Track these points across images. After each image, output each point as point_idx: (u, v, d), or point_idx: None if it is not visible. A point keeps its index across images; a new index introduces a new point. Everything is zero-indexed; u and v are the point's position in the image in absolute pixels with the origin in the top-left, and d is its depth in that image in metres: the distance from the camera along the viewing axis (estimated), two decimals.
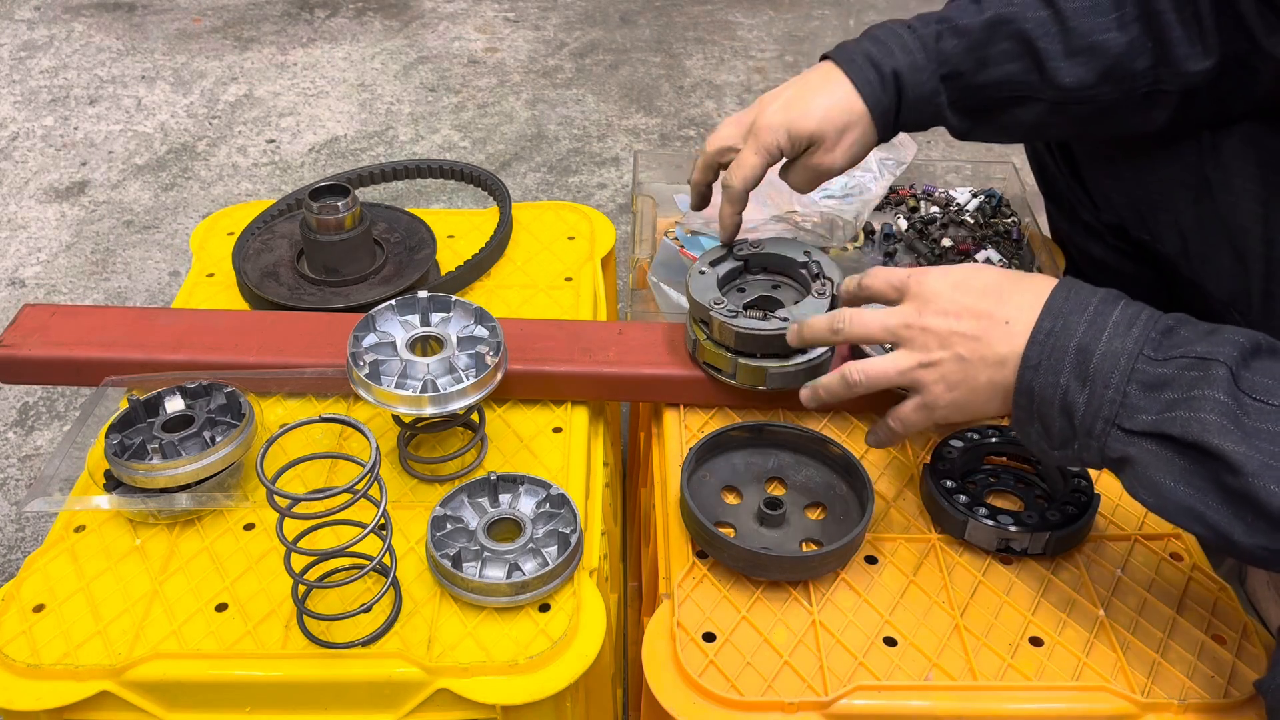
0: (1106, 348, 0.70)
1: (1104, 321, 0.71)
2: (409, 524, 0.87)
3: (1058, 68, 0.93)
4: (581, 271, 1.17)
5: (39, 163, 2.25)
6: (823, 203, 1.24)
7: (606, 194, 2.17)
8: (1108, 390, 0.69)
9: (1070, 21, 0.92)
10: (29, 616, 0.80)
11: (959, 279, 0.80)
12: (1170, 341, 0.70)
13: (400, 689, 0.76)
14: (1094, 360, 0.70)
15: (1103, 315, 0.72)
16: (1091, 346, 0.70)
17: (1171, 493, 0.68)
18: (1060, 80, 0.94)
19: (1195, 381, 0.67)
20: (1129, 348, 0.70)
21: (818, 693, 0.75)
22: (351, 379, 0.86)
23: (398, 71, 2.59)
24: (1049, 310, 0.73)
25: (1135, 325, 0.71)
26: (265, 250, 1.14)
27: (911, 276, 0.82)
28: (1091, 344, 0.71)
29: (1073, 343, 0.71)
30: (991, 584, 0.83)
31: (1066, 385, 0.71)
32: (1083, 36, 0.92)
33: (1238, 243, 0.97)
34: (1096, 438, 0.70)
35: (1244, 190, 0.96)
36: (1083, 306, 0.73)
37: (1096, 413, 0.70)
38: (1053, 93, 0.95)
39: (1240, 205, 0.96)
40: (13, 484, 1.55)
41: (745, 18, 2.86)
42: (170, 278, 1.94)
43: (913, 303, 0.81)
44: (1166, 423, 0.67)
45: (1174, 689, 0.75)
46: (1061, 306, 0.73)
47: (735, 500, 0.90)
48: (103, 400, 0.94)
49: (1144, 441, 0.68)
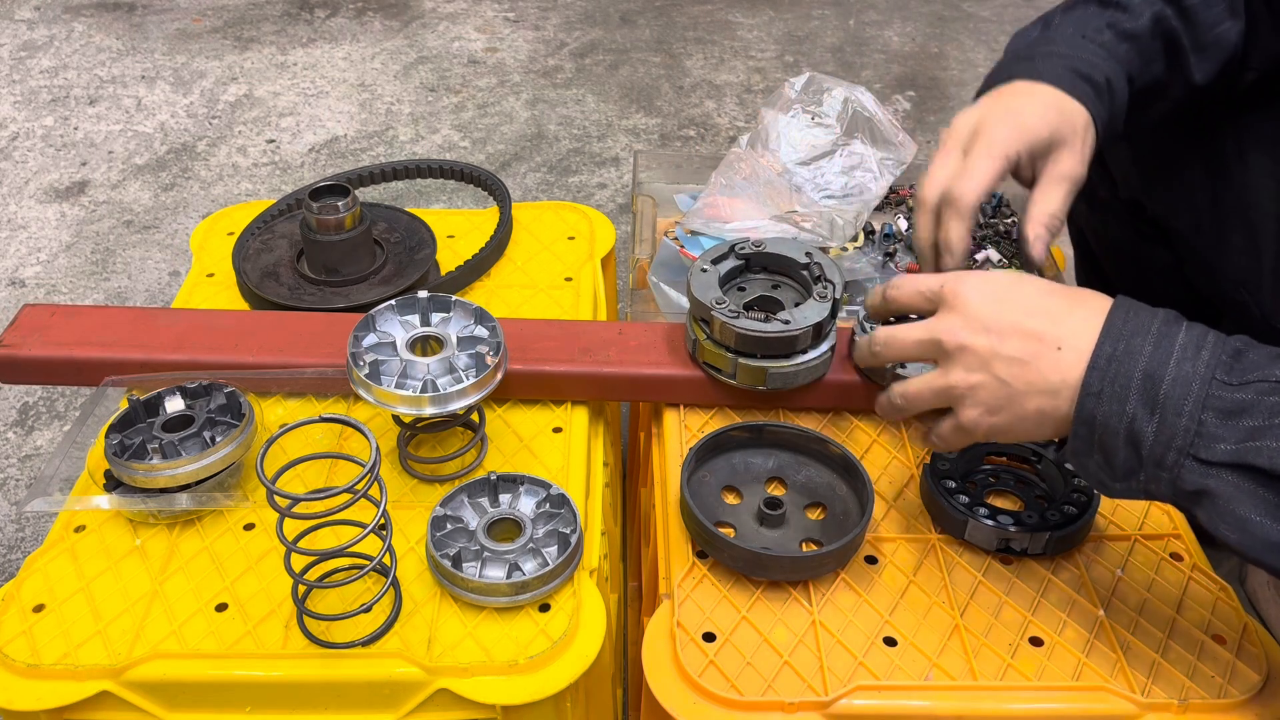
0: (1176, 372, 0.64)
1: (1170, 344, 0.66)
2: (409, 524, 0.87)
3: (1190, 64, 0.91)
4: (581, 271, 1.17)
5: (39, 163, 2.25)
6: (823, 203, 1.24)
7: (606, 194, 2.17)
8: (1180, 418, 0.64)
9: (1195, 15, 0.90)
10: (29, 616, 0.80)
11: (1001, 291, 0.73)
12: (1242, 365, 0.65)
13: (400, 689, 0.76)
14: (1163, 386, 0.64)
15: (1168, 337, 0.66)
16: (1159, 371, 0.65)
17: (1259, 529, 0.63)
18: (1193, 77, 0.91)
19: (1277, 408, 0.62)
20: (1200, 372, 0.64)
21: (818, 693, 0.75)
22: (351, 379, 0.86)
23: (398, 71, 2.59)
24: (1109, 333, 0.68)
25: (1204, 348, 0.65)
26: (265, 250, 1.14)
27: (946, 285, 0.75)
28: (1159, 369, 0.65)
29: (1138, 367, 0.65)
30: (991, 584, 0.83)
31: (1133, 414, 0.65)
32: (1207, 29, 0.90)
33: (1251, 220, 0.97)
34: (1168, 469, 0.65)
35: (1259, 167, 0.95)
36: (1145, 328, 0.67)
37: (1168, 443, 0.64)
38: (1181, 91, 0.92)
39: (1255, 183, 0.96)
40: (13, 484, 1.55)
41: (745, 18, 2.86)
42: (170, 278, 1.94)
43: (949, 315, 0.74)
44: (1251, 453, 0.62)
45: (1174, 689, 0.75)
46: (1122, 328, 0.67)
47: (735, 500, 0.90)
48: (103, 400, 0.94)
49: (1225, 473, 0.63)
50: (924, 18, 2.88)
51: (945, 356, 0.74)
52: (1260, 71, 0.93)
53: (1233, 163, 0.98)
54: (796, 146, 1.28)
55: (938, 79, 2.61)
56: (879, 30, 2.82)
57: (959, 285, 0.74)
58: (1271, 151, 0.95)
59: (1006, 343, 0.71)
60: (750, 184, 1.24)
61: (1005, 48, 1.00)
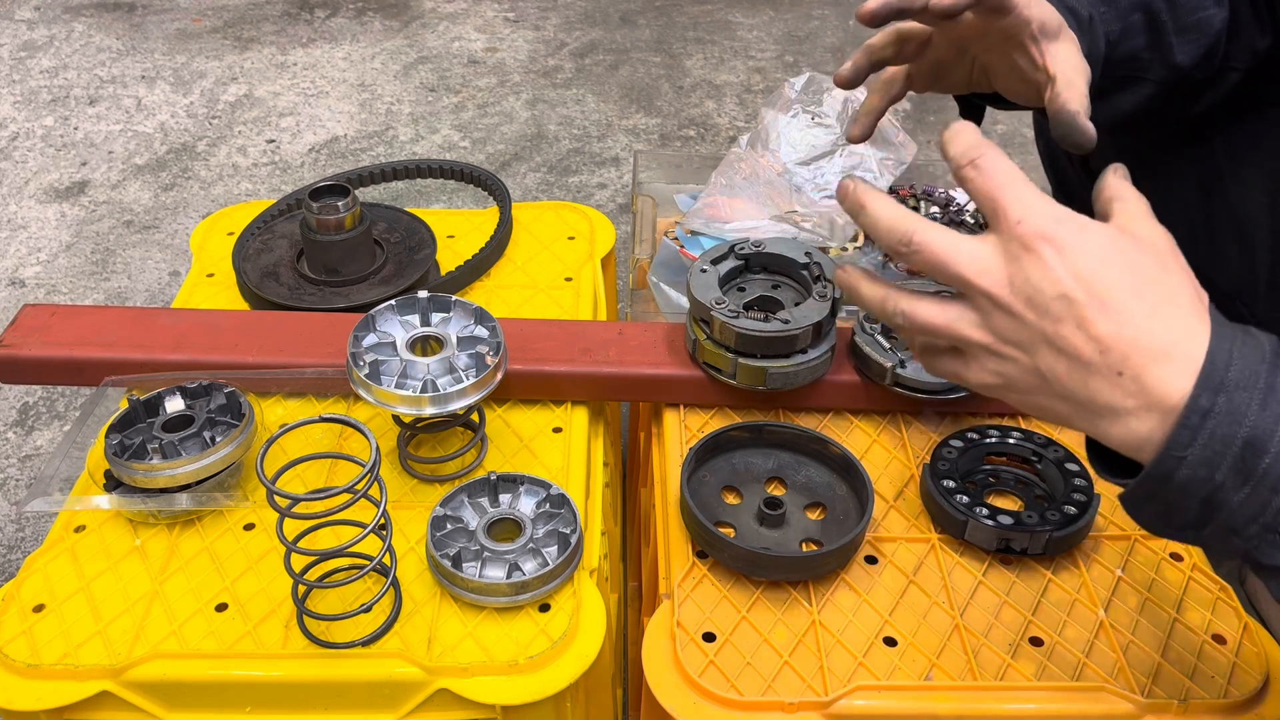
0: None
1: (1277, 402, 0.55)
2: (409, 524, 0.87)
3: (1172, 44, 0.88)
4: (581, 271, 1.17)
5: (39, 163, 2.25)
6: (823, 203, 1.24)
7: (606, 194, 2.17)
8: (1276, 496, 0.55)
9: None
10: (29, 616, 0.80)
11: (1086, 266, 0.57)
12: None
13: (400, 689, 0.76)
14: (1266, 460, 0.55)
15: (1276, 393, 0.55)
16: (1264, 443, 0.55)
17: None
18: (1174, 58, 0.88)
19: None
20: None
21: (818, 693, 0.75)
22: (351, 379, 0.86)
23: (398, 71, 2.59)
24: (1209, 382, 0.55)
25: None
26: (265, 250, 1.14)
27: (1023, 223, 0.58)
28: (1264, 439, 0.55)
29: (1239, 435, 0.55)
30: (991, 584, 0.83)
31: (1222, 482, 0.56)
32: (1189, 12, 0.89)
33: (1245, 233, 0.97)
34: (1245, 539, 0.57)
35: (1253, 181, 0.95)
36: (1253, 379, 0.55)
37: (1255, 517, 0.56)
38: (1162, 72, 0.90)
39: (1249, 195, 0.96)
40: (13, 484, 1.55)
41: (745, 18, 2.86)
42: (170, 278, 1.94)
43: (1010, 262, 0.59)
44: None
45: (1174, 689, 0.75)
46: (1225, 377, 0.55)
47: (735, 500, 0.90)
48: (103, 400, 0.94)
49: None
50: None
51: (984, 310, 0.60)
52: (1243, 71, 0.92)
53: (1225, 174, 0.97)
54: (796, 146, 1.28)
55: None
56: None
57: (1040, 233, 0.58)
58: (1263, 162, 0.95)
59: (1062, 334, 0.58)
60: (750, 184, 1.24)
61: None
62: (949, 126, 0.64)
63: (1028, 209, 0.59)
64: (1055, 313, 0.58)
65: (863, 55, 0.92)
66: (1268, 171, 0.94)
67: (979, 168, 0.61)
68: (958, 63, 0.92)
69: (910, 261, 0.63)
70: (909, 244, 0.62)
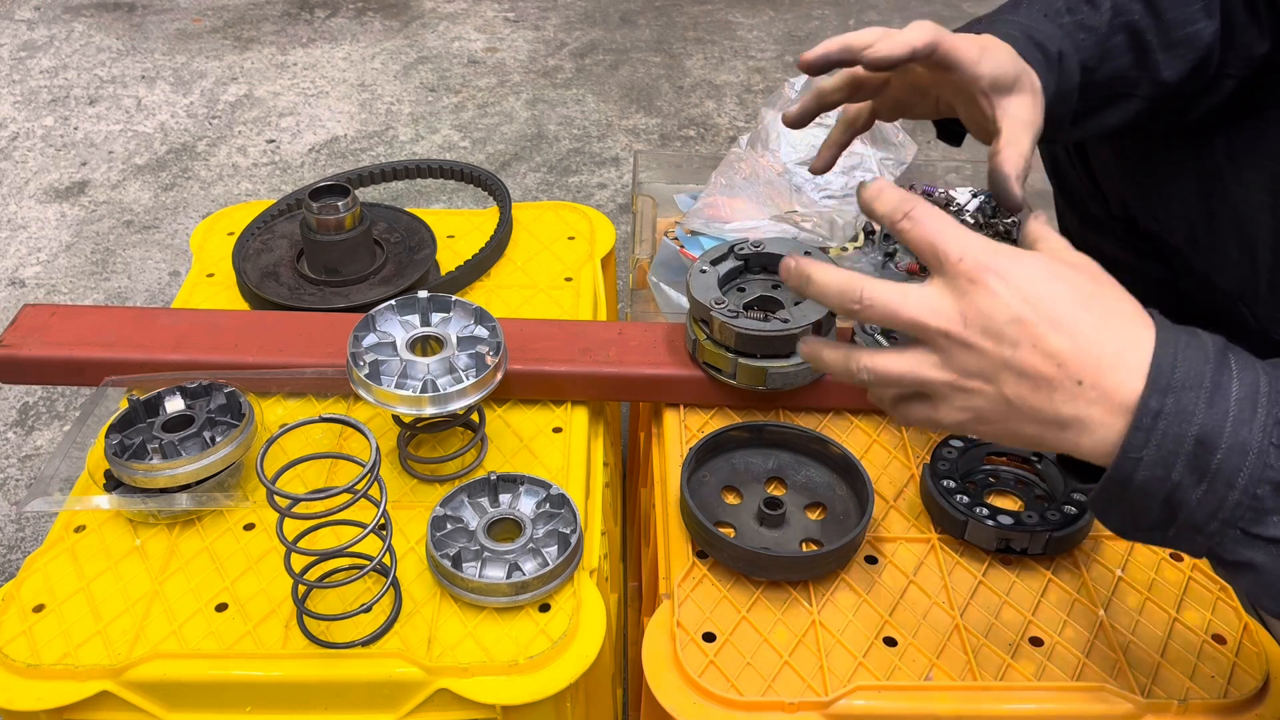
0: (1232, 439, 0.57)
1: (1225, 400, 0.57)
2: (409, 524, 0.87)
3: (1158, 61, 0.89)
4: (581, 271, 1.17)
5: (39, 163, 2.25)
6: (823, 203, 1.24)
7: (606, 194, 2.17)
8: (1232, 491, 0.57)
9: (1165, 13, 0.88)
10: (29, 616, 0.80)
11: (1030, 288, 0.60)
12: None
13: (400, 689, 0.76)
14: (1218, 455, 0.57)
15: (1221, 390, 0.57)
16: (1215, 439, 0.57)
17: None
18: (1161, 75, 0.89)
19: None
20: (1257, 439, 0.57)
21: (818, 693, 0.75)
22: (351, 379, 0.86)
23: (398, 71, 2.59)
24: (1156, 384, 0.58)
25: (1259, 404, 0.58)
26: (265, 250, 1.14)
27: (966, 259, 0.61)
28: (1214, 435, 0.57)
29: (1190, 433, 0.57)
30: (991, 584, 0.83)
31: (1178, 480, 0.58)
32: (1177, 28, 0.89)
33: (1246, 233, 0.97)
34: (1207, 535, 0.59)
35: (1254, 181, 0.95)
36: (1198, 379, 0.58)
37: (1213, 513, 0.58)
38: (1150, 89, 0.90)
39: (1250, 196, 0.96)
40: (13, 484, 1.55)
41: (745, 18, 2.86)
42: (170, 278, 1.94)
43: (958, 298, 0.61)
44: None
45: (1174, 689, 0.75)
46: (1171, 378, 0.58)
47: (735, 500, 0.90)
48: (103, 400, 0.94)
49: (1273, 548, 0.58)
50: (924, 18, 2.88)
51: (942, 349, 0.62)
52: (1239, 78, 0.92)
53: (1226, 176, 0.97)
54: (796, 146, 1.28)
55: None
56: None
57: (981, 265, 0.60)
58: (1264, 163, 0.95)
59: (1020, 357, 0.60)
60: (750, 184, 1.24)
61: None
62: (866, 186, 0.68)
63: (966, 246, 0.62)
64: (1011, 337, 0.60)
65: (812, 99, 0.93)
66: (1269, 172, 0.94)
67: (913, 219, 0.64)
68: (920, 100, 0.93)
69: (864, 317, 0.65)
70: (859, 301, 0.64)
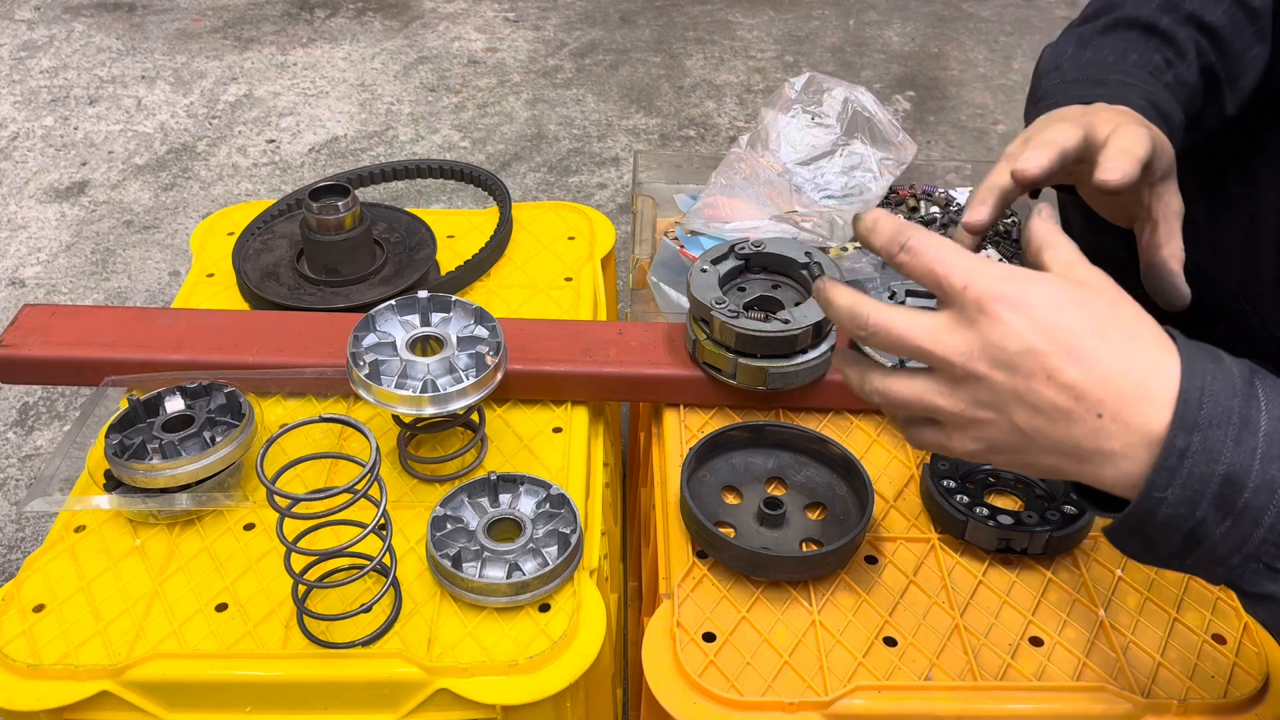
0: (1260, 478, 0.55)
1: (1253, 438, 0.55)
2: (409, 524, 0.87)
3: (1225, 97, 0.88)
4: (581, 271, 1.17)
5: (39, 163, 2.25)
6: (823, 203, 1.24)
7: (606, 194, 2.17)
8: (1258, 529, 0.56)
9: (1230, 46, 0.87)
10: (29, 616, 0.80)
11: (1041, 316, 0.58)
12: None
13: (400, 689, 0.76)
14: (1245, 494, 0.55)
15: (1250, 426, 0.55)
16: (1242, 478, 0.55)
17: None
18: (1226, 109, 0.89)
19: None
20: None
21: (818, 693, 0.75)
22: (351, 379, 0.86)
23: (398, 71, 2.59)
24: (1184, 421, 0.55)
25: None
26: (265, 250, 1.14)
27: (971, 288, 0.59)
28: (1242, 474, 0.55)
29: (1218, 472, 0.55)
30: (991, 584, 0.83)
31: (1203, 517, 0.56)
32: (1237, 58, 0.88)
33: (1252, 231, 0.97)
34: (1229, 568, 0.58)
35: (1263, 179, 0.95)
36: (1226, 414, 0.56)
37: (1237, 548, 0.57)
38: (1214, 123, 0.90)
39: (1258, 194, 0.96)
40: (13, 484, 1.55)
41: (745, 18, 2.86)
42: (170, 278, 1.94)
43: (967, 332, 0.59)
44: None
45: (1174, 689, 0.75)
46: (1199, 415, 0.56)
47: (735, 500, 0.90)
48: (103, 400, 0.94)
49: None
50: (924, 18, 2.88)
51: (952, 378, 0.60)
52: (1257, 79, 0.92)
53: (1232, 174, 0.97)
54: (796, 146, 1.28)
55: (938, 79, 2.61)
56: (879, 30, 2.82)
57: (989, 294, 0.58)
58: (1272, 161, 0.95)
59: (1034, 388, 0.57)
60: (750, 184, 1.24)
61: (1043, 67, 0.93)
62: (861, 219, 0.65)
63: (970, 273, 0.59)
64: (1024, 368, 0.57)
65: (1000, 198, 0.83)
66: (1273, 169, 0.94)
67: (910, 249, 0.62)
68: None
69: (871, 343, 0.64)
70: (865, 327, 0.63)
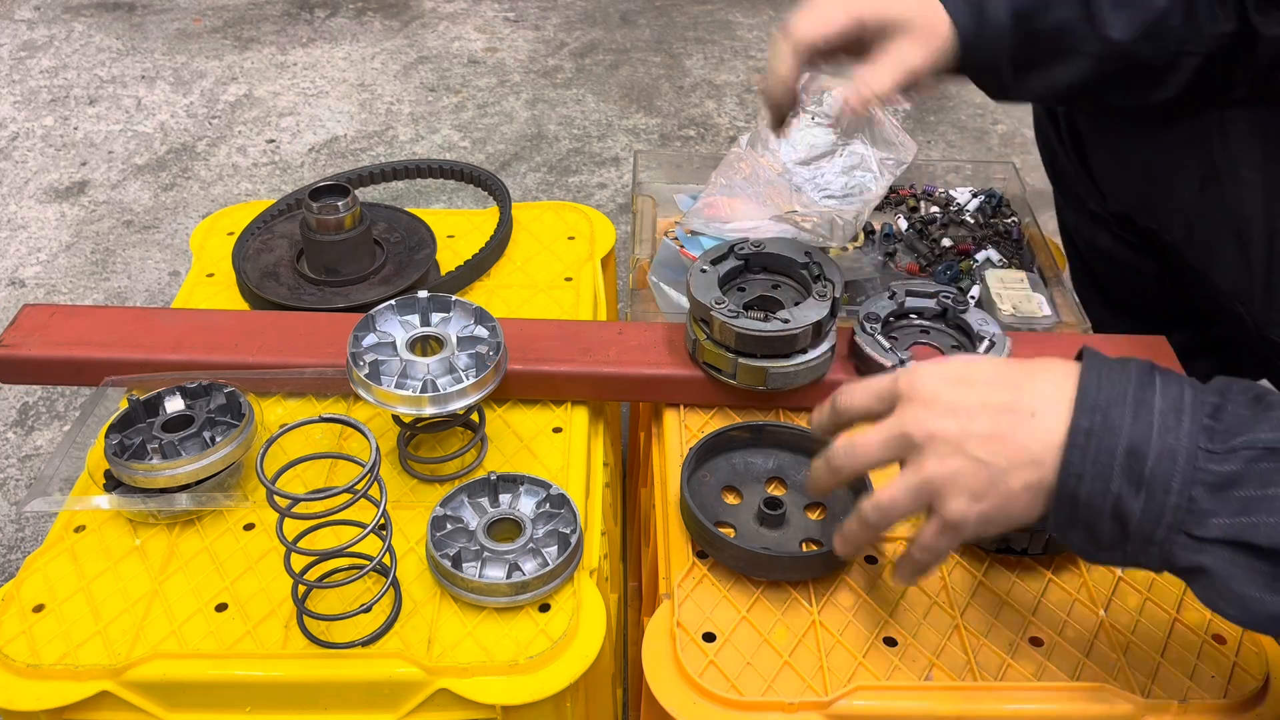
0: (1160, 446, 0.61)
1: (1149, 413, 0.62)
2: (409, 524, 0.87)
3: (1106, 18, 0.89)
4: (581, 271, 1.17)
5: (39, 163, 2.25)
6: (823, 203, 1.24)
7: (606, 194, 2.17)
8: (1169, 496, 0.61)
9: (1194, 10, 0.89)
10: (29, 616, 0.80)
11: (958, 373, 0.69)
12: (1224, 426, 0.62)
13: (400, 689, 0.76)
14: (1148, 463, 0.61)
15: (1145, 404, 0.62)
16: (1143, 447, 0.61)
17: (1260, 605, 0.60)
18: (1108, 31, 0.89)
19: (1269, 476, 0.60)
20: (1184, 444, 0.61)
21: (818, 693, 0.75)
22: (351, 379, 0.86)
23: (398, 71, 2.59)
24: (1083, 404, 0.63)
25: (1183, 412, 0.62)
26: (265, 250, 1.14)
27: (900, 379, 0.70)
28: (1142, 444, 0.61)
29: (1120, 444, 0.62)
30: (991, 584, 0.83)
31: (1119, 493, 0.62)
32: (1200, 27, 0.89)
33: (1241, 232, 0.97)
34: (1158, 545, 0.62)
35: (1248, 180, 0.95)
36: (1121, 396, 0.63)
37: (1157, 520, 0.61)
38: (1098, 46, 0.91)
39: (1244, 194, 0.96)
40: (13, 484, 1.55)
41: (745, 18, 2.86)
42: (170, 278, 1.94)
43: (909, 408, 0.69)
44: (1248, 530, 0.60)
45: (1174, 689, 0.75)
46: (1096, 398, 0.63)
47: (735, 500, 0.90)
48: (103, 400, 0.94)
49: (1220, 550, 0.61)
50: None
51: (915, 450, 0.68)
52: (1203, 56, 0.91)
53: (1222, 174, 0.98)
54: (796, 146, 1.28)
55: None
56: None
57: (913, 377, 0.70)
58: (1258, 163, 0.95)
59: (976, 420, 0.66)
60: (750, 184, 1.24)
61: None
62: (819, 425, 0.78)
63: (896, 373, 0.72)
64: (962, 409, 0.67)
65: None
66: (1260, 170, 0.94)
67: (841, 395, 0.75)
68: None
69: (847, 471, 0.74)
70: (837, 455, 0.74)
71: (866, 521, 0.72)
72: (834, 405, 0.75)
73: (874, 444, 0.71)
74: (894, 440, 0.69)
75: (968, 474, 0.66)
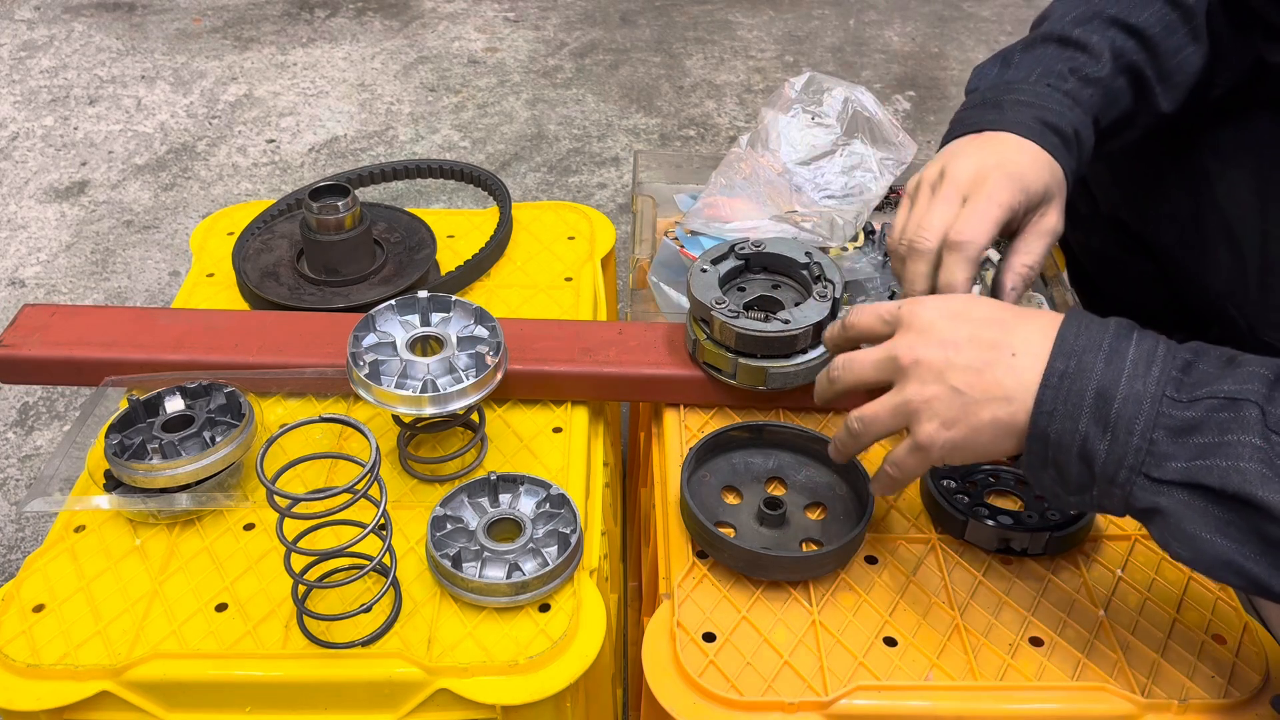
0: (1128, 390, 0.65)
1: (1121, 361, 0.66)
2: (409, 524, 0.87)
3: (1157, 95, 0.92)
4: (581, 271, 1.17)
5: (39, 163, 2.25)
6: (823, 203, 1.24)
7: (606, 194, 2.17)
8: (1132, 437, 0.65)
9: (1159, 45, 0.91)
10: (29, 616, 0.80)
11: (957, 308, 0.74)
12: (1192, 379, 0.65)
13: (400, 689, 0.76)
14: (1115, 405, 0.65)
15: (1119, 353, 0.67)
16: (1111, 390, 0.65)
17: (1209, 546, 0.64)
18: (1160, 107, 0.93)
19: (1226, 424, 0.63)
20: (1151, 390, 0.65)
21: (818, 693, 0.75)
22: (351, 379, 0.86)
23: (398, 71, 2.59)
24: (1061, 349, 0.68)
25: (1154, 363, 0.66)
26: (265, 250, 1.14)
27: (903, 307, 0.76)
28: (1111, 387, 0.65)
29: (1090, 386, 0.66)
30: (991, 584, 0.83)
31: (1086, 432, 0.66)
32: (1170, 56, 0.92)
33: (1233, 235, 0.97)
34: (1120, 486, 0.66)
35: (1240, 183, 0.96)
36: (1096, 343, 0.67)
37: (1120, 461, 0.65)
38: (1148, 120, 0.94)
39: (1236, 198, 0.96)
40: (13, 484, 1.55)
41: (745, 18, 2.86)
42: (170, 278, 1.94)
43: (905, 335, 0.74)
44: (1201, 472, 0.63)
45: (1174, 689, 0.75)
46: (1074, 344, 0.68)
47: (735, 500, 0.90)
48: (103, 400, 0.94)
49: (1175, 492, 0.64)
50: (924, 18, 2.88)
51: (901, 374, 0.73)
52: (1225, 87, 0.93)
53: (1213, 177, 0.98)
54: (796, 146, 1.28)
55: (938, 79, 2.61)
56: (879, 30, 2.82)
57: (916, 306, 0.75)
58: (1249, 165, 0.95)
59: (962, 352, 0.71)
60: (750, 184, 1.24)
61: (967, 87, 0.99)
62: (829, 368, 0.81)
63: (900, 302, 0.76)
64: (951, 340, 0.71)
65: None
66: (1254, 173, 0.94)
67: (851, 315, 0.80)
68: None
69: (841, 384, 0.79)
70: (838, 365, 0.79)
71: (852, 430, 0.78)
72: (844, 322, 0.81)
73: (868, 363, 0.76)
74: (885, 362, 0.75)
75: (943, 401, 0.71)
